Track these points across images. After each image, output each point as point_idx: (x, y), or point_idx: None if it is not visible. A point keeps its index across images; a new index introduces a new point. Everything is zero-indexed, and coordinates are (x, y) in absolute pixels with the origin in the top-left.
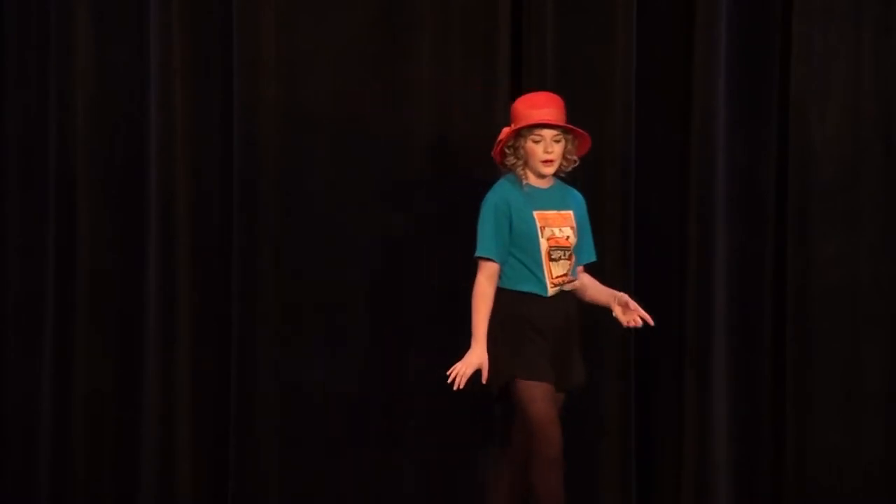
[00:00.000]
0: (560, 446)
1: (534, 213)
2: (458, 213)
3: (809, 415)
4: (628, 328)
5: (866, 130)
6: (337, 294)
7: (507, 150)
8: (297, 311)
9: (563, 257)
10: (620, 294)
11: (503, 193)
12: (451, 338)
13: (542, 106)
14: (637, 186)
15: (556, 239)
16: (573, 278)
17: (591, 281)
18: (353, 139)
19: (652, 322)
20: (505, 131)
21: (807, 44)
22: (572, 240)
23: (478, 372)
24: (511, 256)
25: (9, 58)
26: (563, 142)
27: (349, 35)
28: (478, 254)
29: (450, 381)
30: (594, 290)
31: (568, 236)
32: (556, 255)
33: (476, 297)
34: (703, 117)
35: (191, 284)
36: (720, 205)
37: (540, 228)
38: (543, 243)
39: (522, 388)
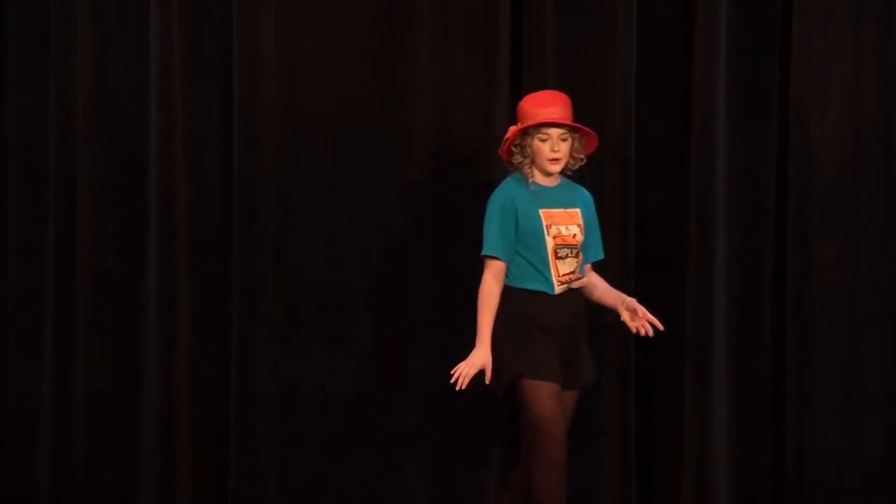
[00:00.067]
0: (564, 446)
1: (540, 211)
2: (458, 213)
3: (809, 415)
4: (622, 326)
5: (866, 130)
6: (337, 294)
7: (514, 149)
8: (297, 311)
9: (570, 255)
10: (629, 299)
11: (509, 192)
12: (451, 338)
13: (548, 104)
14: (637, 186)
15: (563, 237)
16: (580, 276)
17: (600, 281)
18: (353, 139)
19: (661, 326)
20: (512, 130)
21: (807, 44)
22: (579, 238)
23: (481, 372)
24: (518, 255)
25: (9, 58)
26: (569, 140)
27: (349, 35)
28: (484, 252)
29: (453, 380)
30: (602, 290)
31: (575, 234)
32: (562, 252)
33: (482, 297)
34: (703, 117)
35: (191, 284)
36: (720, 205)
37: (546, 226)
38: (550, 241)
39: (527, 386)
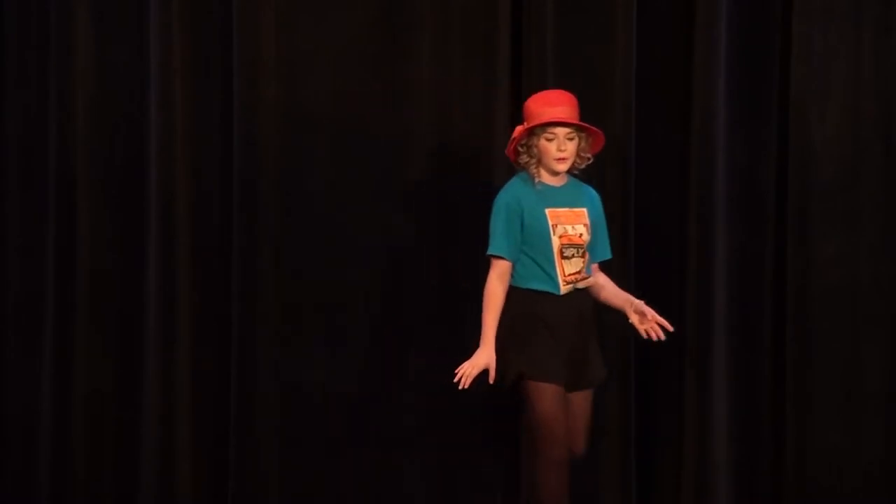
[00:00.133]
0: (565, 447)
1: (546, 210)
2: (458, 213)
3: (809, 415)
4: (630, 329)
5: (866, 130)
6: (337, 294)
7: (521, 149)
8: (297, 311)
9: (577, 255)
10: (637, 301)
11: (515, 191)
12: (451, 338)
13: (555, 104)
14: (637, 186)
15: (569, 237)
16: (587, 276)
17: (608, 282)
18: (353, 139)
19: (671, 328)
20: (518, 129)
21: (807, 44)
22: (585, 237)
23: (484, 372)
24: (523, 254)
25: (9, 58)
26: (576, 139)
27: (349, 35)
28: (489, 252)
29: (455, 380)
30: (610, 292)
31: (581, 234)
32: (568, 252)
33: (487, 296)
34: (703, 117)
35: (191, 284)
36: (720, 205)
37: (552, 226)
38: (556, 241)
39: (530, 387)
